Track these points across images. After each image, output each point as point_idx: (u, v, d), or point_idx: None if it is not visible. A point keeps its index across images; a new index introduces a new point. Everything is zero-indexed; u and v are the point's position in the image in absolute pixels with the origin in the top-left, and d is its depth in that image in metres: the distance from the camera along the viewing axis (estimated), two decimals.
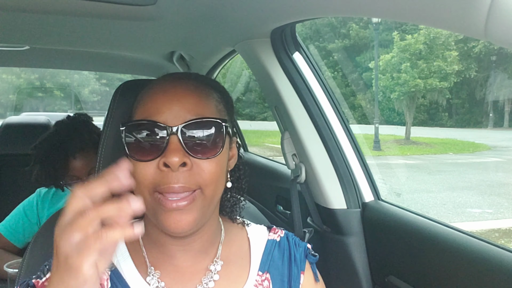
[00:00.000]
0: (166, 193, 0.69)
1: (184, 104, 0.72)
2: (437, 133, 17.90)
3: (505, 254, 0.90)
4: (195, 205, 0.70)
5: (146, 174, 0.70)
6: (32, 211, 1.73)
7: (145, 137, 0.71)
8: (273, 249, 0.86)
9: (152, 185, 0.70)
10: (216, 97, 0.78)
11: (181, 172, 0.69)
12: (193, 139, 0.71)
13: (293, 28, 1.35)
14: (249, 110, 20.73)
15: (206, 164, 0.71)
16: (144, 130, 0.72)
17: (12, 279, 1.30)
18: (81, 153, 1.58)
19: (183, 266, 0.78)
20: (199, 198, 0.71)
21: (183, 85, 0.75)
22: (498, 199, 7.32)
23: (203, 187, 0.71)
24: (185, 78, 0.77)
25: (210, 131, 0.72)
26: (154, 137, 0.71)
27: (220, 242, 0.83)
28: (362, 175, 1.38)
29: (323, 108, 1.38)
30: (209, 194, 0.72)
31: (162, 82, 0.77)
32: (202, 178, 0.71)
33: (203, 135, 0.71)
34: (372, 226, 1.29)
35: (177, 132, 0.69)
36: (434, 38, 15.30)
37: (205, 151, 0.71)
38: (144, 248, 0.79)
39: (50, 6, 1.20)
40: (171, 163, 0.67)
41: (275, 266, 0.84)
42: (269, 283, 0.81)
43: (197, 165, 0.70)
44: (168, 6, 1.21)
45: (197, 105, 0.73)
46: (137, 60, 2.42)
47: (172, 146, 0.69)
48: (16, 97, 17.16)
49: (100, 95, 23.20)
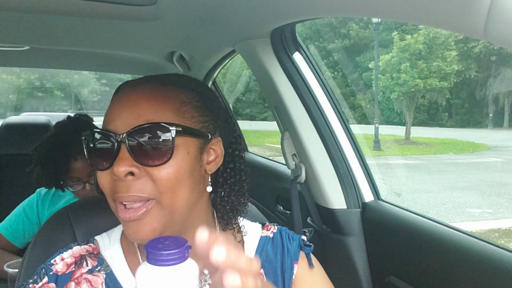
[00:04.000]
0: (120, 202, 0.68)
1: (134, 110, 0.69)
2: (437, 133, 17.91)
3: (505, 254, 0.90)
4: (151, 215, 0.68)
5: (104, 183, 0.70)
6: (32, 211, 1.72)
7: (100, 146, 0.71)
8: (266, 245, 0.85)
9: (110, 193, 0.70)
10: (182, 97, 0.73)
11: (132, 181, 0.67)
12: (140, 146, 0.68)
13: (293, 28, 1.35)
14: (249, 110, 20.74)
15: (157, 172, 0.67)
16: (99, 139, 0.71)
17: (12, 279, 1.30)
18: (82, 155, 1.57)
19: None
20: (154, 208, 0.68)
21: (138, 91, 0.72)
22: (498, 199, 7.32)
23: (158, 196, 0.68)
24: (143, 83, 0.75)
25: (156, 137, 0.68)
26: (106, 145, 0.70)
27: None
28: (362, 175, 1.38)
29: (323, 108, 1.38)
30: (166, 203, 0.68)
31: (121, 90, 0.76)
32: (155, 186, 0.68)
33: (149, 141, 0.68)
34: (372, 226, 1.29)
35: (124, 139, 0.67)
36: (434, 38, 15.31)
37: (153, 158, 0.67)
38: (138, 250, 0.79)
39: (50, 6, 1.19)
40: (117, 173, 0.66)
41: (269, 261, 0.83)
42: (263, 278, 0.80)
43: (148, 173, 0.68)
44: (168, 6, 1.21)
45: (148, 110, 0.69)
46: (137, 60, 2.42)
47: (120, 155, 0.67)
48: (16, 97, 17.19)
49: (100, 95, 23.21)
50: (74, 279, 0.74)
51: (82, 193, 1.62)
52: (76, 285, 0.74)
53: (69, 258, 0.77)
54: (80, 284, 0.74)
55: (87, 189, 1.61)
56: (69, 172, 1.59)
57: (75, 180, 1.60)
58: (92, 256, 0.77)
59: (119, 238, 0.80)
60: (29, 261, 0.96)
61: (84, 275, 0.75)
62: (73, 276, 0.75)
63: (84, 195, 1.61)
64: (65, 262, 0.76)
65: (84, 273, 0.75)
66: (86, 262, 0.76)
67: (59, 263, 0.76)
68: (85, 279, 0.74)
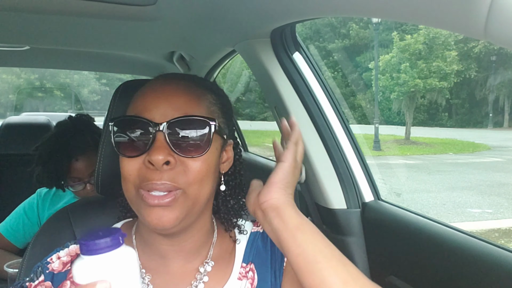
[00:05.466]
0: (149, 190, 0.69)
1: (172, 102, 0.72)
2: (437, 133, 17.92)
3: (505, 254, 0.90)
4: (178, 204, 0.70)
5: (131, 170, 0.71)
6: (32, 211, 1.73)
7: (132, 133, 0.72)
8: (256, 240, 0.86)
9: (137, 181, 0.70)
10: (210, 98, 0.77)
11: (165, 169, 0.69)
12: (179, 137, 0.70)
13: (293, 28, 1.35)
14: (249, 110, 20.73)
15: (191, 163, 0.70)
16: (131, 126, 0.72)
17: (12, 279, 1.30)
18: (83, 155, 1.58)
19: (174, 267, 0.78)
20: (181, 197, 0.70)
21: (173, 85, 0.75)
22: (498, 199, 7.32)
23: (187, 186, 0.70)
24: (177, 79, 0.78)
25: (197, 130, 0.72)
26: (140, 133, 0.71)
27: (212, 243, 0.82)
28: (362, 175, 1.38)
29: (323, 108, 1.38)
30: (192, 194, 0.71)
31: (153, 81, 0.78)
32: (186, 177, 0.70)
33: (189, 133, 0.71)
34: (372, 226, 1.29)
35: (163, 129, 0.69)
36: (434, 38, 15.32)
37: (190, 150, 0.71)
38: (137, 249, 0.79)
39: (50, 6, 1.20)
40: (155, 161, 0.67)
41: (259, 255, 0.84)
42: (254, 273, 0.81)
43: (182, 163, 0.70)
44: (168, 6, 1.21)
45: (185, 104, 0.72)
46: (137, 60, 2.42)
47: (157, 144, 0.69)
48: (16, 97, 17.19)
49: (100, 95, 23.22)
50: (70, 278, 0.75)
51: (82, 193, 1.62)
52: (72, 284, 0.74)
53: (66, 257, 0.77)
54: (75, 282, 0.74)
55: (87, 189, 1.61)
56: (70, 172, 1.60)
57: (76, 180, 1.60)
58: None
59: None
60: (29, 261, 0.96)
61: None
62: (69, 274, 0.75)
63: (84, 195, 1.61)
64: (61, 260, 0.77)
65: None
66: None
67: (55, 261, 0.77)
68: None
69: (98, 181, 0.97)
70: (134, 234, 0.81)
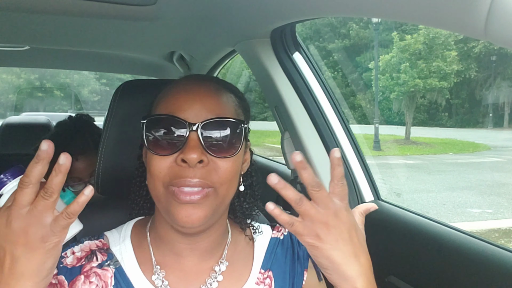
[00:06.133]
0: (182, 186, 0.70)
1: (205, 104, 0.74)
2: (437, 133, 17.91)
3: (505, 254, 0.90)
4: (208, 202, 0.71)
5: (162, 168, 0.72)
6: None
7: (165, 132, 0.73)
8: (276, 247, 0.87)
9: (167, 178, 0.71)
10: (236, 101, 0.80)
11: (198, 168, 0.70)
12: (211, 137, 0.72)
13: (293, 28, 1.35)
14: None
15: (222, 163, 0.73)
16: (165, 125, 0.74)
17: None
18: (83, 155, 1.57)
19: (189, 265, 0.79)
20: (211, 196, 0.72)
21: (205, 86, 0.77)
22: (498, 199, 7.32)
23: (217, 185, 0.72)
24: (207, 80, 0.80)
25: (229, 131, 0.74)
26: (173, 132, 0.73)
27: (226, 243, 0.84)
28: (362, 175, 1.38)
29: (323, 108, 1.38)
30: (222, 193, 0.73)
31: (185, 81, 0.79)
32: (217, 176, 0.72)
33: (221, 134, 0.73)
34: (372, 226, 1.29)
35: (197, 129, 0.71)
36: (434, 38, 15.32)
37: (222, 151, 0.73)
38: (151, 246, 0.80)
39: (50, 6, 1.20)
40: (190, 160, 0.69)
41: (278, 264, 0.85)
42: (271, 280, 0.82)
43: (213, 163, 0.72)
44: (168, 6, 1.21)
45: (217, 106, 0.75)
46: (137, 60, 2.42)
47: (191, 143, 0.70)
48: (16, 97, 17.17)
49: (100, 95, 23.22)
50: (84, 272, 0.76)
51: None
52: (86, 278, 0.75)
53: (80, 252, 0.79)
54: (89, 277, 0.76)
55: None
56: (70, 172, 1.59)
57: (76, 180, 1.60)
58: (102, 251, 0.79)
59: (129, 235, 0.82)
60: None
61: (93, 268, 0.77)
62: (83, 269, 0.76)
63: None
64: (75, 256, 0.78)
65: (94, 267, 0.77)
66: (96, 257, 0.78)
67: (69, 256, 0.78)
68: (95, 273, 0.76)
69: (98, 181, 0.97)
70: (149, 231, 0.82)
